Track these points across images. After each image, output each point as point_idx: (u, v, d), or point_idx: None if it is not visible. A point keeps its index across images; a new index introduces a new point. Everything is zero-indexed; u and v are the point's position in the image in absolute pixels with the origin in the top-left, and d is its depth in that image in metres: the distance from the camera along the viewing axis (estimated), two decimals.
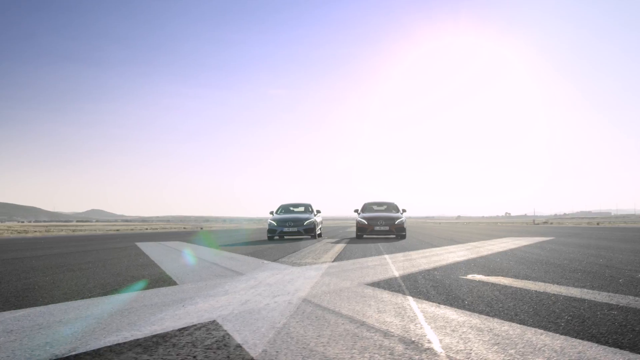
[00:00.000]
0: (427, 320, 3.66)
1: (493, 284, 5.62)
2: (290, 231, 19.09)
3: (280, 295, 4.93)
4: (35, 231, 51.75)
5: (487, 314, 3.89)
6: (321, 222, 22.57)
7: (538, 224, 72.52)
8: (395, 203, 22.04)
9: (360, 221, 19.37)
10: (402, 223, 19.07)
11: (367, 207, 21.81)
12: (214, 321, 3.71)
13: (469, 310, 4.07)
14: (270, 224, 19.63)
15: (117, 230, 55.46)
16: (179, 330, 3.46)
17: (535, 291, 5.07)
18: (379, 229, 18.82)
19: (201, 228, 64.77)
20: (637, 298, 4.57)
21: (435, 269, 7.39)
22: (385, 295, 4.88)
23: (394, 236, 19.21)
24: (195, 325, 3.60)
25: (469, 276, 6.42)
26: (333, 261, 8.92)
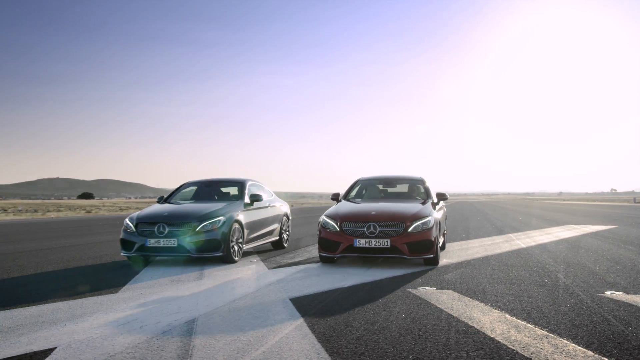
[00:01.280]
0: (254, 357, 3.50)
1: (420, 301, 5.28)
2: (163, 247, 8.25)
3: (181, 312, 4.92)
4: (137, 207, 54.90)
5: (329, 349, 3.66)
6: (280, 218, 10.98)
7: (638, 202, 67.47)
8: (423, 179, 9.97)
9: (327, 224, 8.16)
10: (425, 229, 7.76)
11: (362, 189, 10.14)
12: (52, 349, 3.75)
13: (325, 341, 3.85)
14: (125, 228, 8.72)
15: None
16: None
17: (448, 315, 4.72)
18: (366, 244, 7.68)
19: (292, 205, 65.59)
20: (542, 332, 4.12)
21: (402, 276, 7.06)
22: (280, 316, 4.73)
23: (408, 257, 7.68)
24: (25, 354, 3.65)
25: (420, 288, 6.09)
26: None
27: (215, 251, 8.36)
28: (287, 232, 11.42)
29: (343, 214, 8.18)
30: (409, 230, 7.68)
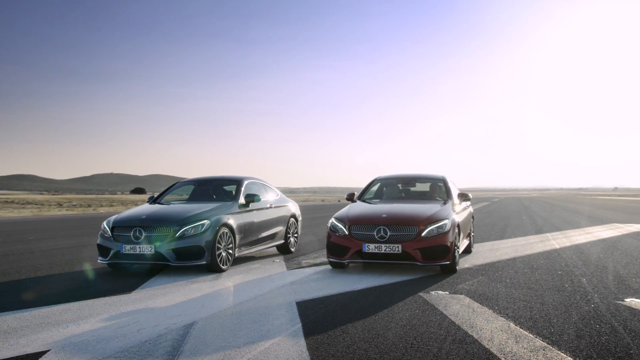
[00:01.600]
0: None
1: (427, 307, 5.17)
2: (139, 254, 7.36)
3: (183, 315, 4.97)
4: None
5: (316, 357, 3.63)
6: (285, 220, 9.96)
7: None
8: (445, 178, 9.14)
9: (336, 227, 7.60)
10: (440, 233, 7.14)
11: (380, 189, 9.47)
12: (45, 352, 3.85)
13: (314, 349, 3.81)
14: (102, 232, 7.84)
15: None
16: None
17: (449, 322, 4.60)
18: (376, 249, 7.13)
19: (339, 201, 65.73)
20: (542, 343, 3.96)
21: (418, 279, 6.94)
22: (279, 321, 4.72)
23: (421, 264, 7.08)
24: (17, 356, 3.76)
25: (432, 293, 5.97)
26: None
27: (198, 259, 7.37)
28: (295, 235, 10.42)
29: (352, 216, 7.57)
30: (423, 234, 7.04)
